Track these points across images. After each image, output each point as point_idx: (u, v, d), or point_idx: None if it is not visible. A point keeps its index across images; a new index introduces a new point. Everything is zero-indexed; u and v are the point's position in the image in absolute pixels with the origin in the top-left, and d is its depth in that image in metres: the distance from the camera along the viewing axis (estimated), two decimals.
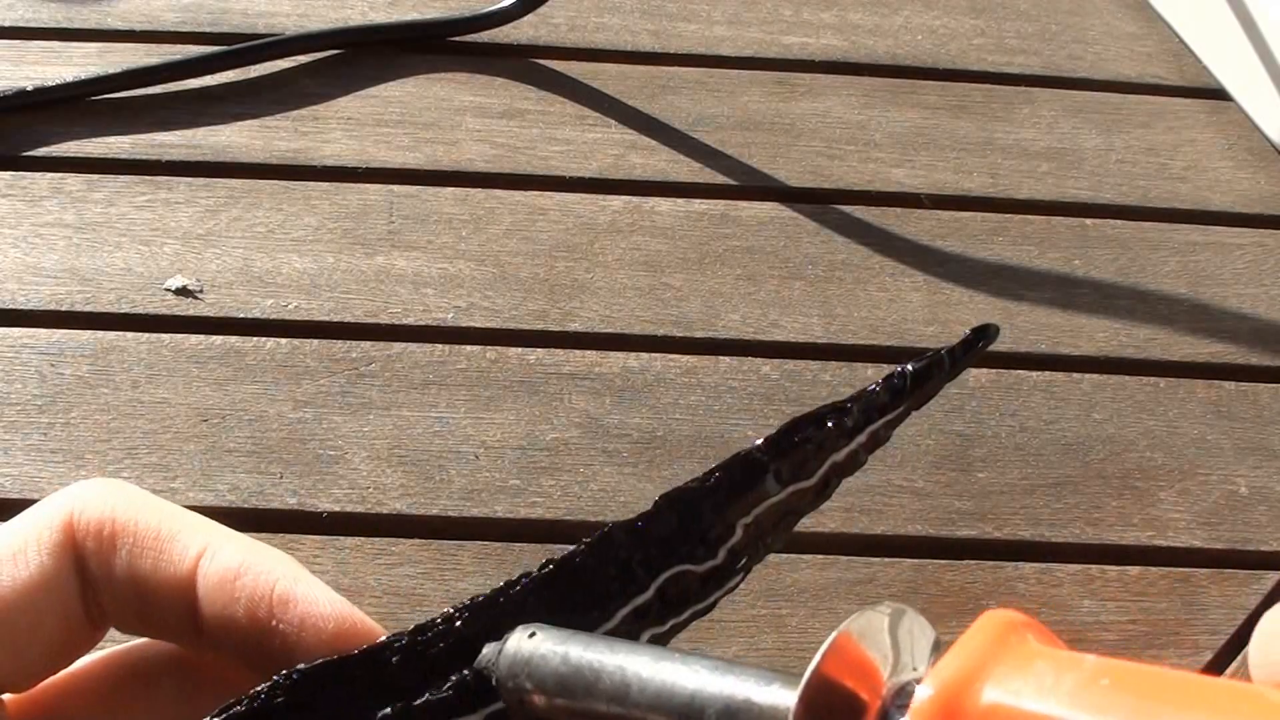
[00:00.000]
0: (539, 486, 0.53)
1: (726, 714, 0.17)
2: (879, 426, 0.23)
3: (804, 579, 0.51)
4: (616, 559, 0.22)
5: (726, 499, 0.22)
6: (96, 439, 0.53)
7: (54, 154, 0.64)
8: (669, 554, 0.22)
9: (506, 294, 0.60)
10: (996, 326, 0.23)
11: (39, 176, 0.63)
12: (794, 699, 0.16)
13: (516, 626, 0.21)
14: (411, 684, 0.20)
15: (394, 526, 0.51)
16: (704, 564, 0.22)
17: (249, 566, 0.21)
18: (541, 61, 0.72)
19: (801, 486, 0.22)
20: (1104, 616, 0.51)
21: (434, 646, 0.20)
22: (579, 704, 0.19)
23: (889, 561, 0.52)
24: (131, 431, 0.53)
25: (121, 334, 0.56)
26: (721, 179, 0.67)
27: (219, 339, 0.57)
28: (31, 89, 0.65)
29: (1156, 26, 0.80)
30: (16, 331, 0.56)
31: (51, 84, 0.65)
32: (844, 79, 0.74)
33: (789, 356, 0.59)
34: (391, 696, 0.20)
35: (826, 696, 0.16)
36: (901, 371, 0.22)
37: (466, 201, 0.64)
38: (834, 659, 0.16)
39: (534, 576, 0.21)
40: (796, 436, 0.22)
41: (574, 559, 0.21)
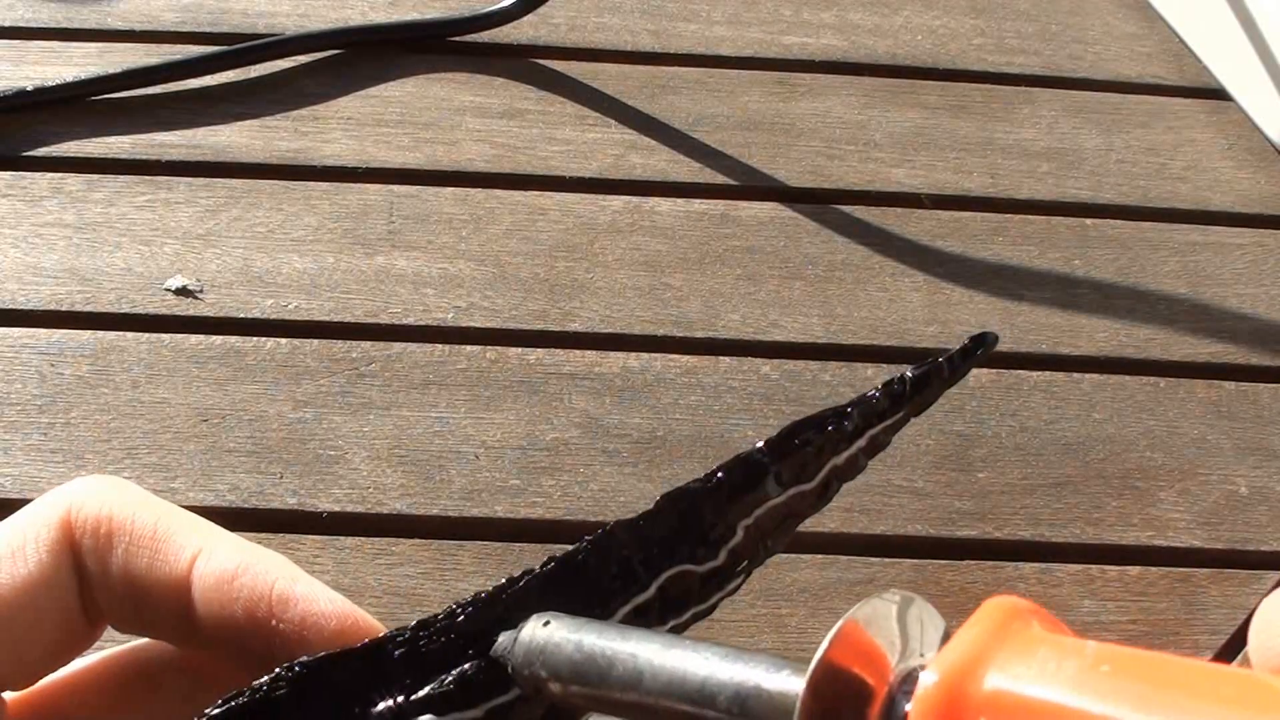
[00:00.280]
0: (539, 486, 0.53)
1: (737, 700, 0.18)
2: (879, 431, 0.23)
3: (804, 579, 0.50)
4: (618, 557, 0.22)
5: (727, 500, 0.22)
6: (96, 439, 0.53)
7: (54, 154, 0.64)
8: (670, 553, 0.22)
9: (506, 294, 0.60)
10: (995, 334, 0.23)
11: (39, 176, 0.63)
12: (802, 685, 0.17)
13: (530, 616, 0.21)
14: (413, 678, 0.20)
15: (394, 526, 0.51)
16: (705, 564, 0.22)
17: (246, 567, 0.21)
18: (541, 61, 0.72)
19: (802, 489, 0.23)
20: (1104, 616, 0.51)
21: (436, 641, 0.21)
22: (593, 691, 0.19)
23: (889, 561, 0.52)
24: (131, 431, 0.53)
25: (121, 334, 0.56)
26: (721, 179, 0.67)
27: (219, 339, 0.57)
28: (31, 89, 0.65)
29: (1156, 26, 0.80)
30: (16, 331, 0.56)
31: (51, 84, 0.65)
32: (844, 79, 0.74)
33: (789, 356, 0.59)
34: (393, 690, 0.20)
35: (834, 683, 0.16)
36: (901, 378, 0.23)
37: (466, 201, 0.64)
38: (842, 646, 0.17)
39: (536, 574, 0.21)
40: (797, 439, 0.22)
41: (576, 556, 0.21)
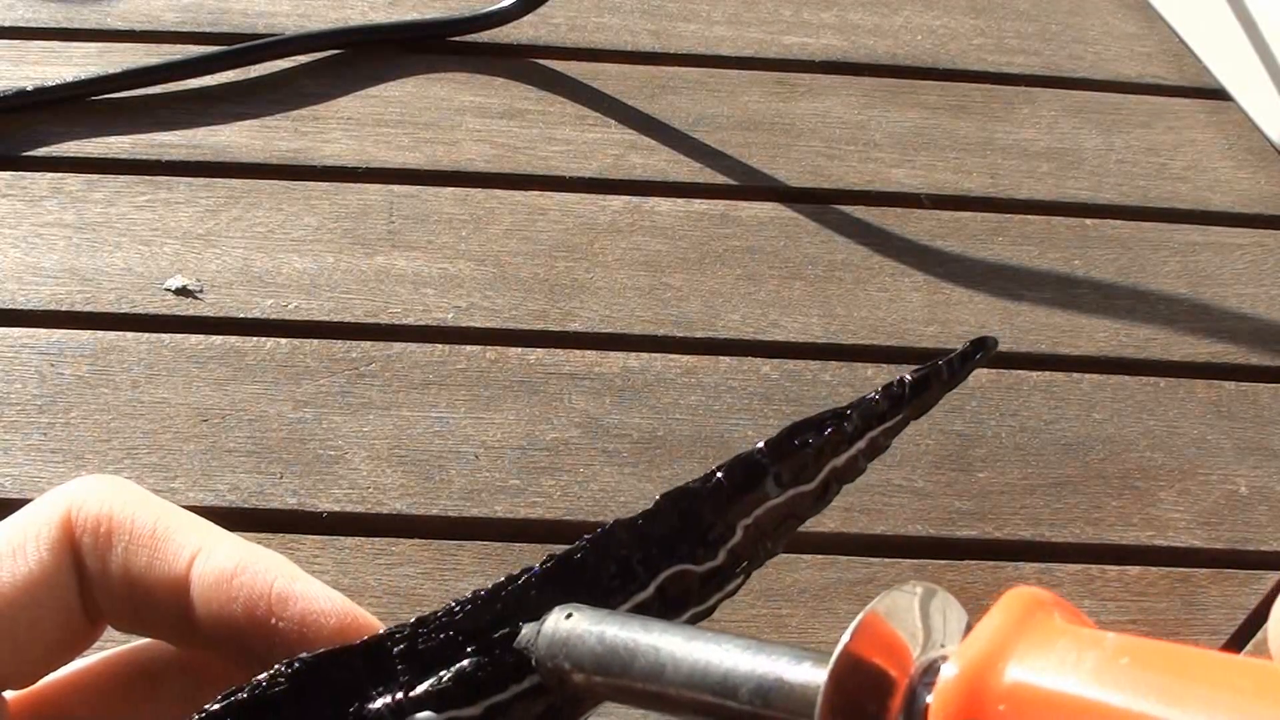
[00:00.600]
0: (539, 486, 0.53)
1: (759, 692, 0.18)
2: (878, 434, 0.23)
3: (804, 579, 0.50)
4: (617, 556, 0.22)
5: (727, 500, 0.22)
6: (96, 439, 0.53)
7: (54, 154, 0.64)
8: (669, 553, 0.22)
9: (506, 294, 0.60)
10: (995, 338, 0.23)
11: (39, 176, 0.63)
12: (824, 676, 0.17)
13: (553, 608, 0.21)
14: (412, 675, 0.20)
15: (394, 526, 0.51)
16: (704, 564, 0.22)
17: (246, 566, 0.21)
18: (541, 61, 0.72)
19: (802, 490, 0.23)
20: (1104, 616, 0.51)
21: (435, 639, 0.21)
22: (616, 682, 0.20)
23: (889, 561, 0.52)
24: (131, 431, 0.53)
25: (121, 334, 0.56)
26: (721, 179, 0.67)
27: (219, 339, 0.57)
28: (31, 89, 0.65)
29: (1156, 26, 0.80)
30: (16, 331, 0.56)
31: (51, 84, 0.65)
32: (844, 79, 0.74)
33: (789, 356, 0.59)
34: (392, 687, 0.20)
35: (856, 674, 0.17)
36: (900, 380, 0.23)
37: (466, 201, 0.64)
38: (864, 637, 0.17)
39: (535, 572, 0.21)
40: (797, 440, 0.22)
41: (575, 555, 0.22)
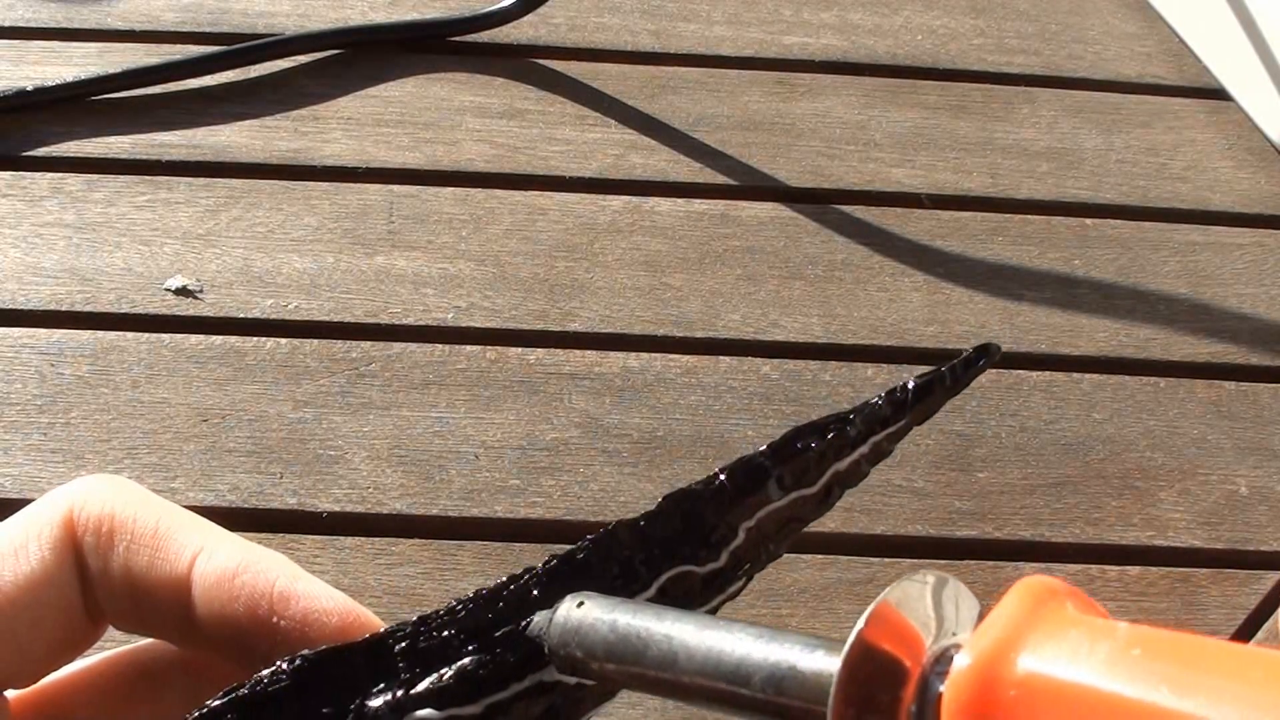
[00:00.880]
0: (539, 486, 0.53)
1: (771, 680, 0.18)
2: (881, 439, 0.23)
3: (804, 579, 0.51)
4: (619, 557, 0.22)
5: (729, 502, 0.22)
6: (96, 439, 0.53)
7: (54, 154, 0.64)
8: (671, 554, 0.22)
9: (506, 294, 0.60)
10: (999, 346, 0.23)
11: (39, 176, 0.63)
12: (837, 664, 0.17)
13: (564, 597, 0.21)
14: (413, 673, 0.20)
15: (394, 526, 0.51)
16: (706, 566, 0.22)
17: (247, 565, 0.21)
18: (541, 61, 0.72)
19: (804, 494, 0.23)
20: None
21: (436, 637, 0.21)
22: (629, 669, 0.20)
23: (889, 561, 0.52)
24: (131, 431, 0.53)
25: (121, 334, 0.56)
26: (721, 179, 0.67)
27: (219, 339, 0.57)
28: (31, 89, 0.65)
29: (1156, 26, 0.80)
30: (16, 331, 0.56)
31: (51, 84, 0.65)
32: (844, 79, 0.74)
33: (789, 356, 0.59)
34: (393, 685, 0.20)
35: (869, 662, 0.17)
36: (904, 386, 0.23)
37: (466, 201, 0.64)
38: (877, 625, 0.17)
39: (537, 571, 0.21)
40: (799, 444, 0.22)
41: (577, 555, 0.22)
